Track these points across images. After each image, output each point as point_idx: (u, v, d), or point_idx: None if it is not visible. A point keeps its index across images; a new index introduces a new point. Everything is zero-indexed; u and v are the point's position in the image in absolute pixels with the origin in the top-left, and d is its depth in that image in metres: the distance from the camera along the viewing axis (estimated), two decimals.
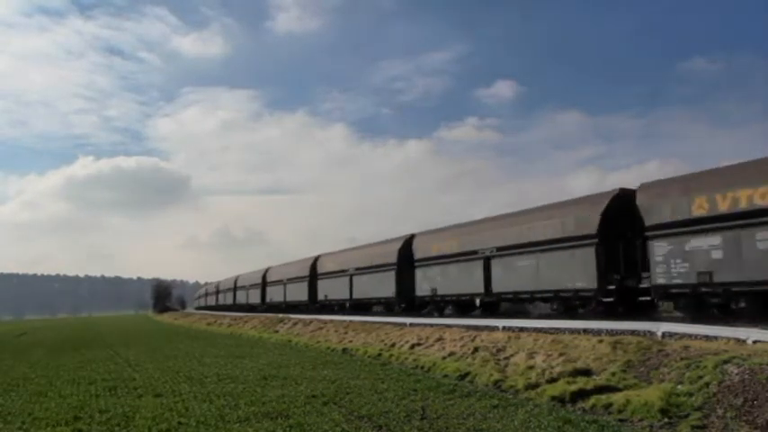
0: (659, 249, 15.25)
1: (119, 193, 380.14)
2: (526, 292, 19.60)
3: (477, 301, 21.74)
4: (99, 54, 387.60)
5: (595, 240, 16.98)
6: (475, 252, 21.65)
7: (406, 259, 26.27)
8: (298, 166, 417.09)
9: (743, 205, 13.50)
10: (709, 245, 14.11)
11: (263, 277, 47.00)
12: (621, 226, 16.62)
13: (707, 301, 14.65)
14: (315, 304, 35.19)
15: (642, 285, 15.97)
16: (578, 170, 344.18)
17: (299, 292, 38.22)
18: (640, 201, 16.07)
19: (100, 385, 12.68)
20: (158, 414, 9.28)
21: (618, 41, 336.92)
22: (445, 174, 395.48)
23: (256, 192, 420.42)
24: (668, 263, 15.05)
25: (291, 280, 40.08)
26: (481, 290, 21.23)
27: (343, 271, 31.19)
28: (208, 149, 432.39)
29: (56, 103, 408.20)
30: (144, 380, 13.36)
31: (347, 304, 30.50)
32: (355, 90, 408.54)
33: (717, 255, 13.96)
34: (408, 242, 26.83)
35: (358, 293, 29.65)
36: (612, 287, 16.63)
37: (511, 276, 20.01)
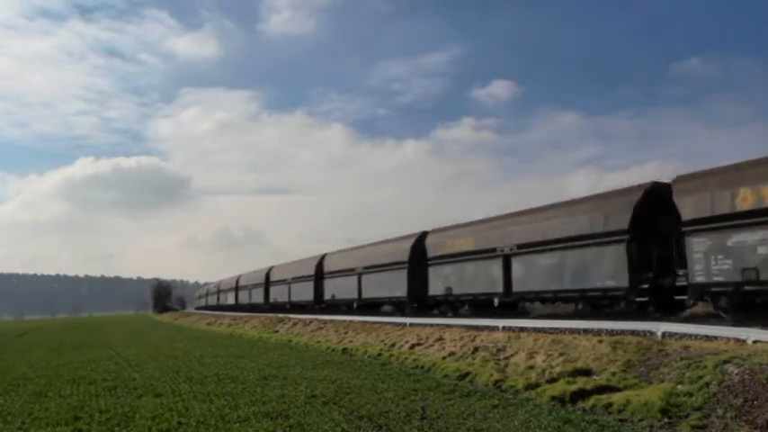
0: (432, 273, 24.89)
1: (118, 193, 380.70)
2: (379, 298, 29.45)
3: (355, 304, 31.66)
4: (99, 56, 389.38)
5: (407, 266, 26.57)
6: (353, 269, 32.06)
7: (319, 273, 37.11)
8: (296, 167, 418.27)
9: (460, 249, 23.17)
10: (450, 271, 23.45)
11: (237, 282, 55.22)
12: (421, 258, 25.61)
13: (453, 304, 23.79)
14: (267, 305, 43.80)
15: (429, 294, 25.01)
16: (577, 170, 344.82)
17: (258, 296, 47.31)
18: (428, 241, 25.68)
19: (100, 385, 12.68)
20: (158, 414, 9.27)
21: (614, 42, 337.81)
22: (444, 174, 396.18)
23: (255, 192, 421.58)
24: (437, 282, 24.53)
25: (254, 286, 49.06)
26: (356, 296, 31.41)
27: (284, 280, 39.80)
28: (207, 150, 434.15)
29: (56, 104, 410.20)
30: (144, 380, 13.35)
31: (288, 306, 38.40)
32: (353, 91, 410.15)
33: (453, 277, 23.28)
34: (321, 260, 37.36)
35: (294, 297, 38.69)
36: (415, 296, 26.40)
37: (371, 287, 29.87)
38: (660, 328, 12.50)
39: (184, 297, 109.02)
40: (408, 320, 21.61)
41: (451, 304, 23.78)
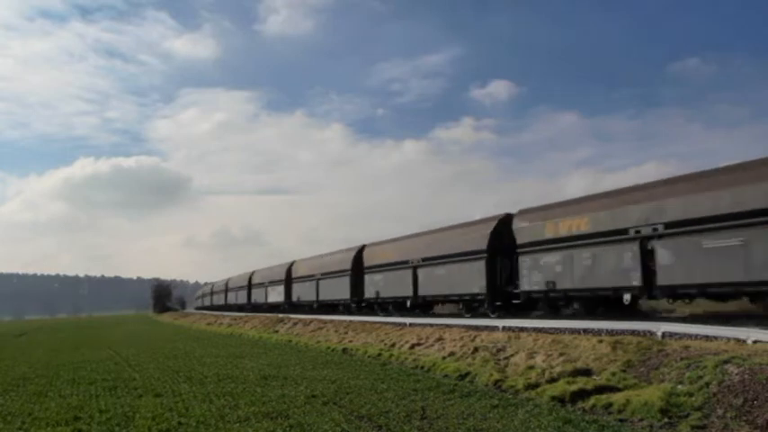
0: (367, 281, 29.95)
1: (118, 193, 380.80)
2: (334, 300, 33.58)
3: (315, 305, 36.06)
4: (100, 57, 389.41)
5: (349, 273, 31.43)
6: (312, 275, 36.94)
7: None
8: (296, 167, 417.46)
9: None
10: (379, 279, 28.82)
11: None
12: (361, 266, 30.55)
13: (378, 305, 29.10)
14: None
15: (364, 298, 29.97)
16: (575, 171, 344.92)
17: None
18: (364, 254, 30.76)
19: (100, 385, 12.69)
20: (158, 414, 9.28)
21: (613, 42, 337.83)
22: (443, 174, 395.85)
23: (255, 192, 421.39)
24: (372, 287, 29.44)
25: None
26: (314, 298, 36.27)
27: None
28: (207, 150, 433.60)
29: (57, 105, 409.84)
30: (144, 380, 13.36)
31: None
32: (352, 91, 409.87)
33: (381, 283, 28.53)
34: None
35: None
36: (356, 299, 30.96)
37: (328, 290, 34.55)
38: (660, 328, 12.49)
39: (184, 297, 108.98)
40: (408, 320, 21.60)
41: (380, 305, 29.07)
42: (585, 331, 13.92)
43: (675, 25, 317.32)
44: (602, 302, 17.29)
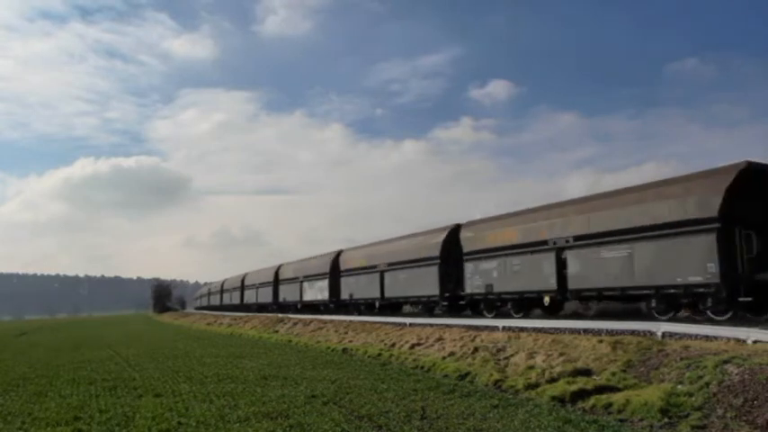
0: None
1: (118, 193, 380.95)
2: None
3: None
4: (100, 57, 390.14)
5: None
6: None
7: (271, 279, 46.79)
8: (296, 167, 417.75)
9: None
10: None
11: (216, 285, 63.92)
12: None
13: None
14: (242, 304, 52.22)
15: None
16: (575, 171, 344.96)
17: (234, 297, 56.05)
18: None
19: (100, 385, 12.68)
20: (158, 414, 9.27)
21: (612, 42, 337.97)
22: (443, 174, 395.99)
23: (255, 192, 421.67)
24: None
25: (229, 289, 59.26)
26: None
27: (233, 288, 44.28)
28: (207, 150, 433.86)
29: (57, 105, 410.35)
30: (144, 380, 13.35)
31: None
32: (352, 92, 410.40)
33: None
34: (275, 267, 45.71)
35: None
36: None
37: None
38: (660, 328, 12.49)
39: (184, 297, 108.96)
40: (408, 320, 21.59)
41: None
42: (585, 331, 13.92)
43: (675, 25, 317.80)
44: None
